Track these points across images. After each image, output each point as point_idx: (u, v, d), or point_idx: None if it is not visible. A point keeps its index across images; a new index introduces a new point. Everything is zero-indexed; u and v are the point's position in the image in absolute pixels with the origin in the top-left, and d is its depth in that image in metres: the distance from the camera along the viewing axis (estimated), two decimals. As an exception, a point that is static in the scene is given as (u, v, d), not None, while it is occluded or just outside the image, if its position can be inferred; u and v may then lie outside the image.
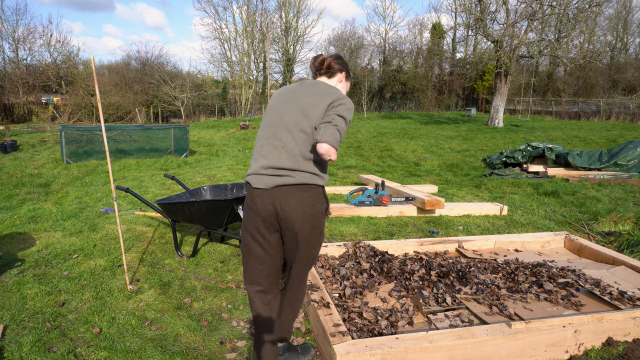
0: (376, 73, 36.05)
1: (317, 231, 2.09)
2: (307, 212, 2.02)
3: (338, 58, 2.27)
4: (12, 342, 2.51)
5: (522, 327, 2.38)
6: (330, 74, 2.24)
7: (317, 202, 2.05)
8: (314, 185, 2.04)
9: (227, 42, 32.28)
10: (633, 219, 4.92)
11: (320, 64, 2.21)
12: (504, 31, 19.11)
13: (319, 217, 2.07)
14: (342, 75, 2.27)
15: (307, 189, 2.03)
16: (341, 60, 2.28)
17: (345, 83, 2.31)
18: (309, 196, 2.03)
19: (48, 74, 25.33)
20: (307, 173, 2.02)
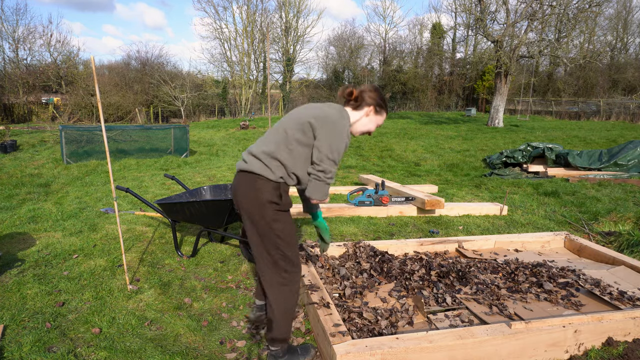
0: (376, 73, 36.06)
1: (263, 222, 2.14)
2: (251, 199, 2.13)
3: (370, 91, 2.27)
4: (12, 342, 2.51)
5: (522, 327, 2.38)
6: (356, 106, 2.27)
7: (263, 192, 2.12)
8: (264, 177, 2.13)
9: (227, 42, 32.30)
10: (633, 219, 4.92)
11: (349, 95, 2.24)
12: (504, 31, 19.11)
13: (262, 206, 2.12)
14: (370, 109, 2.27)
15: (257, 179, 2.14)
16: (373, 94, 2.26)
17: (374, 117, 2.29)
18: (256, 185, 2.13)
19: (48, 74, 25.34)
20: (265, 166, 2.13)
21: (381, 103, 2.28)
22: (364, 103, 2.26)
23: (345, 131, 2.12)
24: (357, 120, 2.29)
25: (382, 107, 2.29)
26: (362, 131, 2.32)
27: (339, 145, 2.09)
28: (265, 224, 2.15)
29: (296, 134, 2.12)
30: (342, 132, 2.10)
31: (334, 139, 2.08)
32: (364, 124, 2.30)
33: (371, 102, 2.26)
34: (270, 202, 2.14)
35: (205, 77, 32.94)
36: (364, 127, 2.31)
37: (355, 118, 2.28)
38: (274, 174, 2.13)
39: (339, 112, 2.16)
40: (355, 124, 2.30)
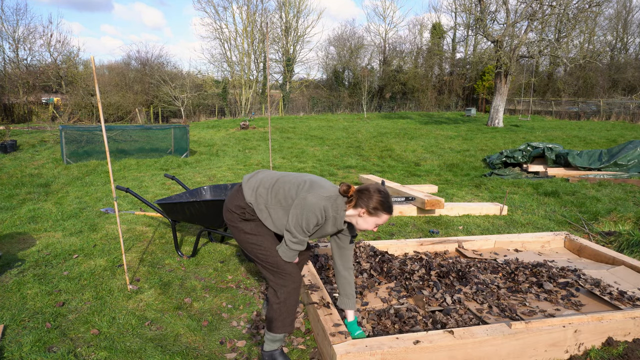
0: (376, 73, 36.05)
1: (232, 226, 2.39)
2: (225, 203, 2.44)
3: (360, 191, 2.25)
4: (12, 342, 2.51)
5: (522, 327, 2.38)
6: (353, 205, 2.24)
7: (233, 200, 2.39)
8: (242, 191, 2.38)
9: (227, 42, 32.29)
10: (633, 219, 4.92)
11: (344, 192, 2.22)
12: (504, 31, 19.11)
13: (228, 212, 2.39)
14: (363, 211, 2.23)
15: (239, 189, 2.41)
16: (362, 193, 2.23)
17: (368, 218, 2.24)
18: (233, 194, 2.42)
19: (48, 74, 25.33)
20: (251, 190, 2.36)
21: (377, 206, 2.21)
22: (357, 204, 2.24)
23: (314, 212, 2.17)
24: (352, 217, 2.28)
25: (377, 210, 2.22)
26: (362, 229, 2.30)
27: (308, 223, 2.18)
28: (233, 228, 2.40)
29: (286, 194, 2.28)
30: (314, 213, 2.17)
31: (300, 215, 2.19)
32: (359, 223, 2.28)
33: (363, 204, 2.22)
34: (232, 211, 2.38)
35: (205, 77, 32.93)
36: (361, 226, 2.28)
37: (350, 214, 2.27)
38: (251, 196, 2.34)
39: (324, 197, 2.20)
40: (351, 219, 2.29)
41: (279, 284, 2.29)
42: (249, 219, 2.36)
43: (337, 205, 2.22)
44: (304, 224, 2.18)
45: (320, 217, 2.18)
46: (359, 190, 2.24)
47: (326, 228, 2.27)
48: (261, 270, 2.38)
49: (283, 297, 2.28)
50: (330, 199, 2.21)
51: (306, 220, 2.17)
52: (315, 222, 2.18)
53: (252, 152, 11.73)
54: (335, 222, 2.25)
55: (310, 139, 14.29)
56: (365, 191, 2.23)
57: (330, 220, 2.24)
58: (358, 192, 2.24)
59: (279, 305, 2.28)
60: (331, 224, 2.25)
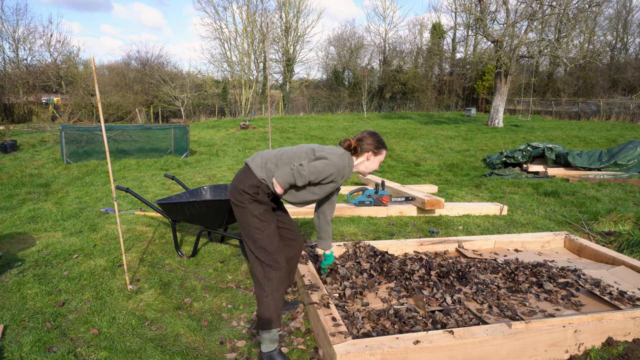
0: (376, 73, 36.04)
1: (240, 206, 2.44)
2: (233, 185, 2.49)
3: (366, 138, 2.58)
4: (12, 342, 2.51)
5: (522, 327, 2.38)
6: (357, 154, 2.58)
7: (243, 181, 2.43)
8: (252, 172, 2.45)
9: (227, 42, 32.29)
10: (633, 219, 4.92)
11: (348, 147, 2.55)
12: (504, 31, 19.11)
13: (239, 193, 2.42)
14: (369, 154, 2.58)
15: (247, 170, 2.48)
16: (369, 140, 2.58)
17: (374, 158, 2.61)
18: (242, 176, 2.47)
19: (48, 74, 25.34)
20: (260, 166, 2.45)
21: (379, 145, 2.59)
22: (362, 150, 2.57)
23: (336, 167, 2.43)
24: (361, 163, 2.61)
25: (379, 148, 2.60)
26: (369, 171, 2.64)
27: (325, 167, 2.40)
28: (240, 208, 2.43)
29: (303, 157, 2.47)
30: (333, 164, 2.41)
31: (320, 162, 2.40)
32: (367, 166, 2.62)
33: (369, 149, 2.57)
34: (245, 191, 2.41)
35: (206, 77, 32.93)
36: (368, 168, 2.63)
37: (358, 163, 2.60)
38: (261, 172, 2.43)
39: (342, 154, 2.50)
40: (359, 166, 2.62)
41: (267, 277, 2.36)
42: (261, 201, 2.43)
43: (350, 160, 2.54)
44: (319, 167, 2.38)
45: (336, 172, 2.44)
46: (357, 140, 2.58)
47: (339, 182, 2.55)
48: (251, 259, 2.44)
49: (270, 289, 2.35)
50: (345, 155, 2.51)
51: (324, 166, 2.38)
52: (329, 172, 2.41)
53: (252, 152, 11.73)
54: (347, 176, 2.57)
55: (310, 139, 14.28)
56: (363, 138, 2.58)
57: (346, 176, 2.55)
58: (358, 142, 2.58)
59: (267, 298, 2.34)
60: (346, 177, 2.57)
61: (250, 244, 2.42)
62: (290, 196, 2.53)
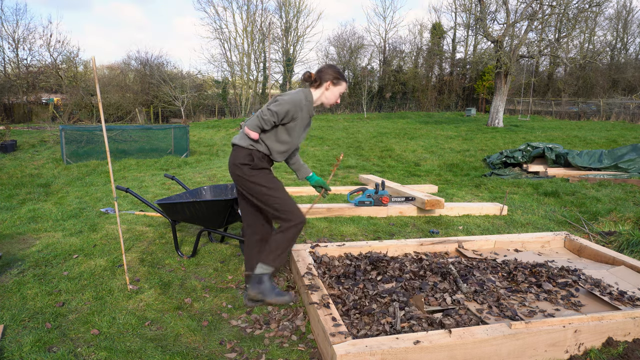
0: (376, 73, 36.04)
1: (244, 179, 2.65)
2: (230, 164, 2.71)
3: (326, 69, 2.77)
4: (13, 342, 2.51)
5: (522, 327, 2.38)
6: (317, 85, 2.77)
7: (237, 157, 2.66)
8: (238, 146, 2.69)
9: (227, 42, 32.30)
10: (633, 219, 4.92)
11: (308, 78, 2.75)
12: (504, 31, 19.11)
13: (237, 167, 2.65)
14: (327, 84, 2.75)
15: (235, 148, 2.72)
16: (328, 70, 2.76)
17: (334, 88, 2.78)
18: (233, 153, 2.71)
19: (48, 74, 25.33)
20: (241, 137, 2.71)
21: (337, 76, 2.75)
22: (322, 80, 2.75)
23: (292, 103, 2.61)
24: (320, 97, 2.78)
25: (338, 79, 2.76)
26: (331, 102, 2.81)
27: (281, 106, 2.59)
28: (247, 181, 2.65)
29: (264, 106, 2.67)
30: (288, 101, 2.61)
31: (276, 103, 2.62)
32: (327, 97, 2.79)
33: (328, 78, 2.74)
34: (243, 164, 2.64)
35: (205, 77, 32.94)
36: (328, 99, 2.79)
37: (319, 94, 2.77)
38: (245, 141, 2.68)
39: (298, 90, 2.72)
40: (320, 98, 2.78)
41: (288, 224, 2.63)
42: (260, 166, 2.66)
43: (306, 93, 2.72)
44: (276, 107, 2.58)
45: (293, 108, 2.61)
46: (317, 72, 2.77)
47: (303, 116, 2.70)
48: (274, 218, 2.73)
49: (289, 234, 2.63)
50: (300, 91, 2.70)
51: (279, 106, 2.58)
52: (286, 109, 2.59)
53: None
54: (309, 109, 2.73)
55: (310, 139, 14.28)
56: (323, 69, 2.77)
57: (305, 109, 2.69)
58: (318, 73, 2.76)
59: (282, 236, 2.63)
60: (306, 111, 2.70)
61: (270, 210, 2.67)
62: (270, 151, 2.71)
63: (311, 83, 2.77)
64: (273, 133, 2.69)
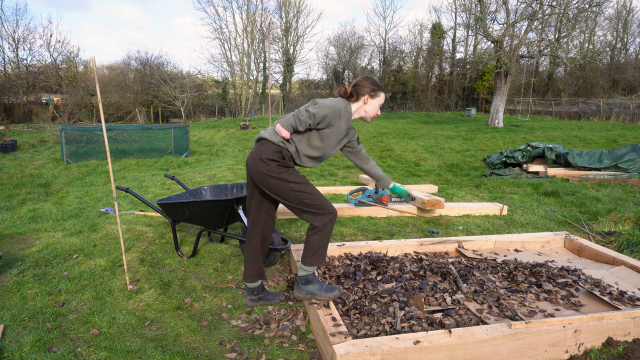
0: (376, 73, 36.03)
1: (271, 178, 2.56)
2: (255, 159, 2.59)
3: (361, 81, 2.70)
4: (12, 342, 2.51)
5: (522, 327, 2.38)
6: (354, 100, 2.70)
7: (264, 152, 2.56)
8: (268, 140, 2.60)
9: (227, 42, 32.32)
10: (633, 219, 4.92)
11: (344, 93, 2.69)
12: (504, 31, 19.11)
13: (264, 163, 2.55)
14: (366, 97, 2.69)
15: (263, 142, 2.62)
16: (365, 83, 2.69)
17: (372, 101, 2.70)
18: (260, 147, 2.60)
19: (48, 74, 25.33)
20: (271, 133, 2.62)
21: (375, 88, 2.68)
22: (359, 95, 2.68)
23: (332, 108, 2.56)
24: (359, 110, 2.71)
25: (376, 90, 2.69)
26: (371, 115, 2.74)
27: (319, 109, 2.54)
28: (273, 178, 2.56)
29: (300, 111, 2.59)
30: (328, 106, 2.56)
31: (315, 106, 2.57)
32: (367, 110, 2.71)
33: (365, 92, 2.67)
34: (271, 159, 2.55)
35: (206, 78, 32.95)
36: (368, 112, 2.72)
37: (356, 108, 2.71)
38: (276, 137, 2.59)
39: (340, 99, 2.64)
40: (359, 111, 2.72)
41: (321, 220, 2.58)
42: (289, 165, 2.61)
43: (346, 103, 2.65)
44: (314, 110, 2.53)
45: (332, 114, 2.56)
46: (353, 86, 2.70)
47: (341, 126, 2.64)
48: (302, 215, 2.62)
49: (326, 230, 2.59)
50: (341, 100, 2.63)
51: (318, 109, 2.53)
52: (324, 114, 2.53)
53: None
54: (347, 120, 2.66)
55: (310, 139, 14.25)
56: (359, 83, 2.69)
57: (344, 119, 2.63)
58: (354, 87, 2.69)
59: (320, 235, 2.58)
60: (344, 121, 2.64)
61: (298, 206, 2.59)
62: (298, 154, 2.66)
63: (348, 98, 2.68)
64: (306, 136, 2.62)
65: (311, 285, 2.67)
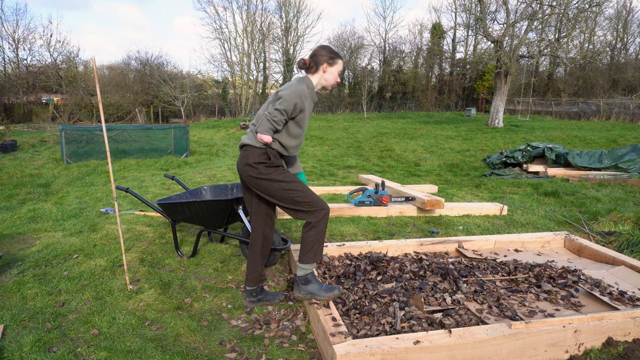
0: (376, 73, 36.04)
1: (262, 180, 2.63)
2: (244, 166, 2.67)
3: (318, 51, 2.71)
4: (13, 342, 2.51)
5: (522, 327, 2.38)
6: (313, 70, 2.72)
7: (250, 157, 2.64)
8: (251, 146, 2.67)
9: (227, 42, 32.32)
10: (633, 219, 4.92)
11: (303, 65, 2.71)
12: (504, 31, 19.11)
13: (253, 168, 2.63)
14: (324, 66, 2.70)
15: (246, 148, 2.69)
16: (321, 52, 2.70)
17: (331, 69, 2.72)
18: (246, 154, 2.68)
19: (48, 74, 25.33)
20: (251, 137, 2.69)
21: (332, 55, 2.70)
22: (318, 64, 2.69)
23: (297, 95, 2.59)
24: (320, 79, 2.74)
25: (334, 58, 2.70)
26: (331, 83, 2.75)
27: (287, 102, 2.57)
28: (263, 180, 2.63)
29: (269, 106, 2.66)
30: (293, 95, 2.58)
31: (285, 97, 2.59)
32: (327, 79, 2.74)
33: (323, 60, 2.69)
34: (258, 162, 2.63)
35: (206, 78, 32.95)
36: (328, 81, 2.74)
37: (318, 79, 2.74)
38: (257, 141, 2.65)
39: (297, 80, 2.69)
40: (320, 82, 2.75)
41: (315, 216, 2.62)
42: (277, 164, 2.67)
43: (307, 81, 2.70)
44: (283, 106, 2.56)
45: (299, 100, 2.59)
46: (311, 56, 2.71)
47: (309, 105, 2.70)
48: (296, 214, 2.66)
49: (321, 226, 2.62)
50: (300, 81, 2.67)
51: (286, 103, 2.56)
52: (293, 104, 2.57)
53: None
54: (312, 96, 2.73)
55: (310, 139, 14.28)
56: (316, 52, 2.70)
57: (309, 97, 2.69)
58: (312, 57, 2.71)
59: (315, 231, 2.61)
60: (310, 99, 2.71)
61: (291, 206, 2.63)
62: (285, 148, 2.72)
63: (307, 69, 2.73)
64: (285, 130, 2.67)
65: (310, 285, 2.68)
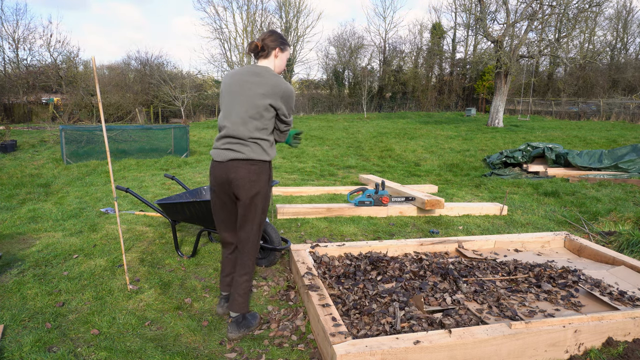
0: (376, 73, 36.04)
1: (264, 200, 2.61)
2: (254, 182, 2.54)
3: (265, 38, 2.60)
4: (13, 342, 2.51)
5: (522, 327, 2.38)
6: (265, 54, 2.60)
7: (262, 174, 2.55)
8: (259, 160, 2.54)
9: (227, 42, 32.31)
10: (633, 219, 4.92)
11: (255, 48, 2.58)
12: (504, 31, 19.12)
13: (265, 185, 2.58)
14: (276, 51, 2.61)
15: (254, 163, 2.53)
16: (271, 38, 2.60)
17: (281, 55, 2.64)
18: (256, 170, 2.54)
19: (48, 74, 25.32)
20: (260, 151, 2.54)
21: (283, 41, 2.62)
22: (270, 49, 2.59)
23: (288, 92, 2.54)
24: (273, 65, 2.64)
25: (284, 44, 2.63)
26: (281, 70, 2.68)
27: (289, 108, 2.59)
28: (267, 196, 2.60)
29: (265, 114, 2.49)
30: (292, 95, 2.58)
31: (290, 104, 2.59)
32: (278, 65, 2.64)
33: (275, 45, 2.59)
34: (269, 177, 2.60)
35: (206, 77, 32.94)
36: (279, 67, 2.66)
37: (271, 65, 2.62)
38: (268, 155, 2.56)
39: (275, 76, 2.54)
40: (274, 69, 2.65)
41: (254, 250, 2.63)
42: (269, 173, 2.63)
43: (272, 72, 2.56)
44: (290, 112, 2.59)
45: (292, 91, 2.58)
46: (262, 40, 2.60)
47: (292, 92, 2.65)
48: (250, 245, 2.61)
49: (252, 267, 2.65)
50: (277, 78, 2.54)
51: (290, 107, 2.58)
52: (293, 101, 2.59)
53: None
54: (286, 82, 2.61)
55: (310, 139, 14.28)
56: (266, 37, 2.60)
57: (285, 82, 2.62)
58: (263, 41, 2.59)
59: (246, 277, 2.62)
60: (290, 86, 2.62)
61: (262, 215, 2.60)
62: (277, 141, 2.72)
63: (258, 53, 2.60)
64: (275, 130, 2.67)
65: (246, 321, 2.68)
